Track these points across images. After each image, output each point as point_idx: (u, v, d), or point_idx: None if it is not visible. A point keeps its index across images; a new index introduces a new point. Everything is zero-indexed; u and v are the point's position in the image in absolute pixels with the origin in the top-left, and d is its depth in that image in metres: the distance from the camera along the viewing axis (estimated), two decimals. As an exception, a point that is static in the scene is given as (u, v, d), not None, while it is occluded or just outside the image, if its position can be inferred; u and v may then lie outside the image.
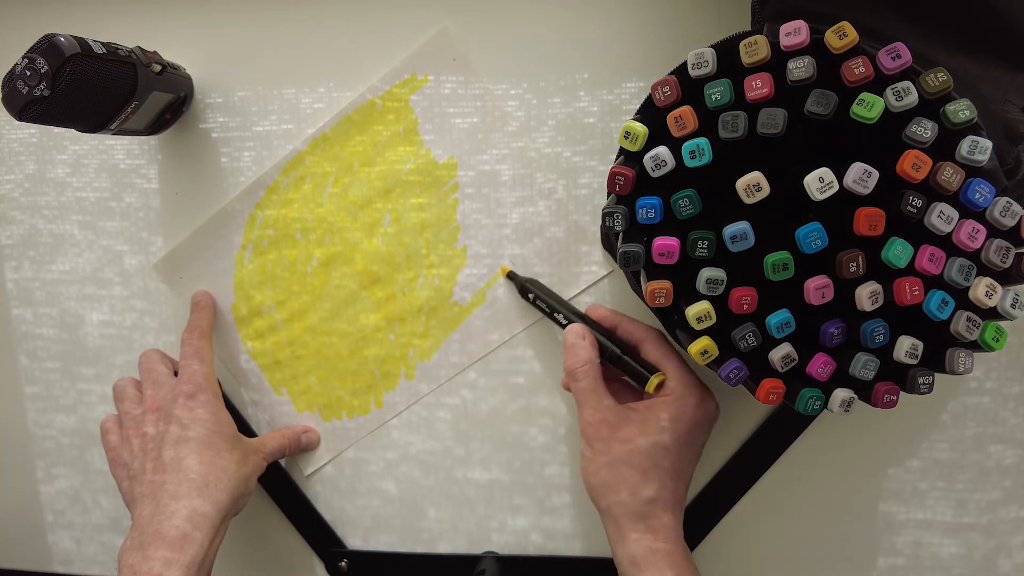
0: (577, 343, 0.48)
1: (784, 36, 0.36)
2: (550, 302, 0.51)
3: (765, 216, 0.37)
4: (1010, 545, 0.53)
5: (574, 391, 0.47)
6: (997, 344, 0.37)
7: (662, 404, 0.45)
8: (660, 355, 0.47)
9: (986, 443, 0.52)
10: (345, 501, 0.58)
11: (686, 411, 0.45)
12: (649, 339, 0.48)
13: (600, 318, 0.50)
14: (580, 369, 0.47)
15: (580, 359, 0.47)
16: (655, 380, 0.46)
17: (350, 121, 0.54)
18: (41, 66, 0.41)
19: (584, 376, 0.47)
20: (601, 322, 0.50)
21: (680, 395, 0.45)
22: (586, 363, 0.47)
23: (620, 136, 0.40)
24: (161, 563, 0.43)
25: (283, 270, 0.56)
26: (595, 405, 0.46)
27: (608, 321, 0.50)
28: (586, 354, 0.47)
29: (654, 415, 0.45)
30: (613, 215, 0.40)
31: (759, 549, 0.55)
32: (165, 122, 0.53)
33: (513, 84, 0.52)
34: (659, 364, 0.47)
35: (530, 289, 0.52)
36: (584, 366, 0.47)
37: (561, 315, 0.50)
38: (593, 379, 0.46)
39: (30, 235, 0.59)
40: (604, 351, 0.48)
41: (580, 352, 0.47)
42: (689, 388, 0.45)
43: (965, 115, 0.34)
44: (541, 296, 0.52)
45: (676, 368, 0.46)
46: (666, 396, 0.45)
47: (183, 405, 0.50)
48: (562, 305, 0.51)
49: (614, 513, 0.45)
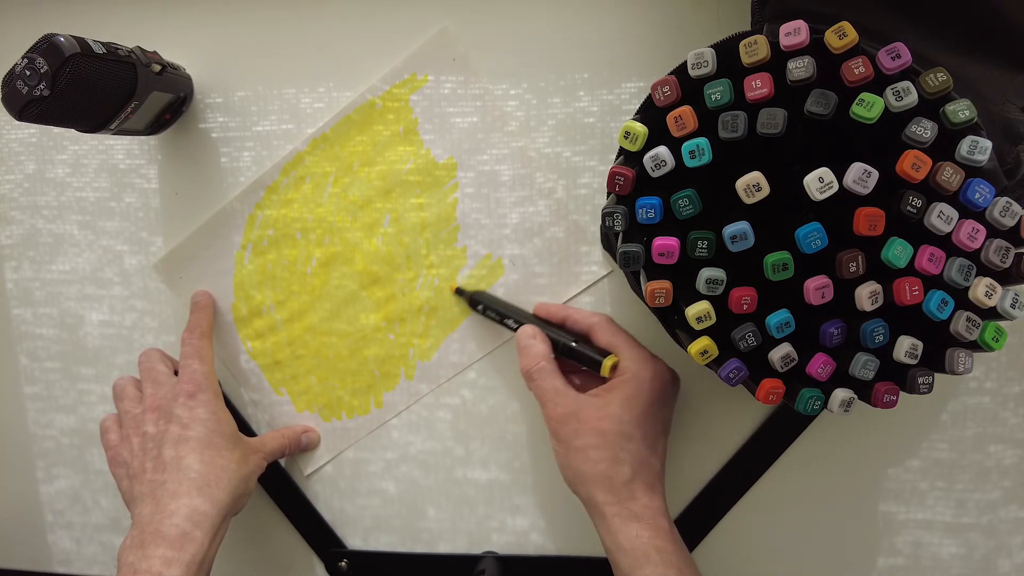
0: (529, 343, 0.49)
1: (784, 36, 0.36)
2: (500, 310, 0.52)
3: (765, 216, 0.37)
4: (1010, 545, 0.53)
5: (533, 390, 0.48)
6: (997, 344, 0.37)
7: (619, 384, 0.46)
8: (609, 338, 0.48)
9: (986, 443, 0.52)
10: (345, 501, 0.58)
11: (643, 386, 0.45)
12: (597, 325, 0.49)
13: (548, 315, 0.51)
14: (535, 368, 0.48)
15: (533, 359, 0.48)
16: (608, 363, 0.47)
17: (350, 121, 0.54)
18: (41, 66, 0.41)
19: (539, 374, 0.47)
20: (549, 318, 0.51)
21: (635, 372, 0.46)
22: (540, 360, 0.48)
23: (620, 136, 0.40)
24: (161, 562, 0.43)
25: (283, 270, 0.56)
26: (555, 399, 0.46)
27: (556, 316, 0.51)
28: (538, 352, 0.48)
29: (613, 397, 0.45)
30: (613, 215, 0.40)
31: (759, 549, 0.55)
32: (165, 122, 0.53)
33: (513, 84, 0.52)
34: (610, 347, 0.47)
35: (479, 300, 0.53)
36: (538, 363, 0.48)
37: (511, 320, 0.51)
38: (549, 374, 0.47)
39: (30, 235, 0.59)
40: (556, 345, 0.49)
41: (532, 352, 0.48)
42: (642, 363, 0.46)
43: (965, 115, 0.34)
44: (490, 306, 0.52)
45: (627, 347, 0.47)
46: (622, 376, 0.46)
47: (183, 404, 0.50)
48: (511, 311, 0.52)
49: (595, 501, 0.45)
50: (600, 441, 0.44)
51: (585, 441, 0.45)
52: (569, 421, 0.46)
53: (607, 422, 0.45)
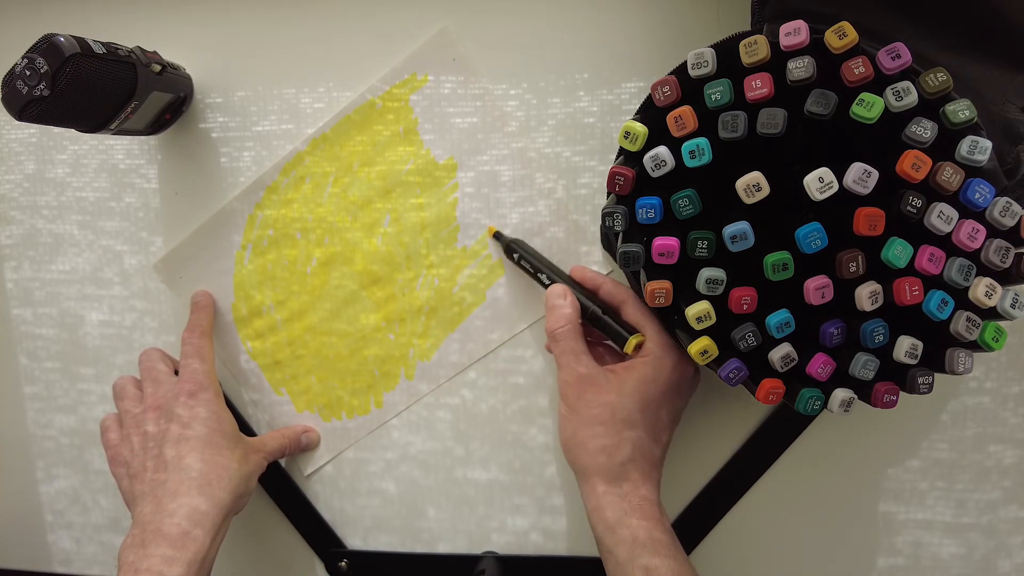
0: (558, 303, 0.48)
1: (784, 36, 0.36)
2: (534, 263, 0.51)
3: (765, 216, 0.37)
4: (1010, 545, 0.53)
5: (554, 350, 0.47)
6: (997, 344, 0.37)
7: (639, 365, 0.45)
8: (640, 317, 0.47)
9: (986, 443, 0.52)
10: (345, 501, 0.58)
11: (662, 372, 0.45)
12: (630, 301, 0.48)
13: (583, 279, 0.50)
14: (559, 329, 0.47)
15: (560, 319, 0.47)
16: (633, 341, 0.46)
17: (350, 121, 0.54)
18: (41, 66, 0.41)
19: (563, 336, 0.47)
20: (584, 283, 0.50)
21: (657, 356, 0.45)
22: (566, 323, 0.47)
23: (620, 136, 0.40)
24: (161, 561, 0.43)
25: (283, 270, 0.56)
26: (573, 364, 0.46)
27: (591, 282, 0.50)
28: (566, 314, 0.47)
29: (630, 375, 0.45)
30: (613, 215, 0.40)
31: (759, 549, 0.55)
32: (165, 122, 0.53)
33: (513, 84, 0.52)
34: (639, 325, 0.47)
35: (515, 249, 0.52)
36: (564, 326, 0.47)
37: (544, 275, 0.50)
38: (572, 339, 0.46)
39: (30, 235, 0.59)
40: (585, 311, 0.48)
41: (560, 312, 0.47)
42: (667, 350, 0.45)
43: (965, 115, 0.34)
44: (526, 256, 0.52)
45: (655, 330, 0.46)
46: (644, 357, 0.45)
47: (184, 403, 0.50)
48: (546, 266, 0.51)
49: (588, 474, 0.45)
50: (607, 416, 0.44)
51: (592, 412, 0.44)
52: (582, 389, 0.45)
53: (618, 399, 0.44)
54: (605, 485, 0.44)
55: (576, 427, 0.45)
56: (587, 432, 0.45)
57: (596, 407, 0.44)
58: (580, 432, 0.45)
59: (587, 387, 0.45)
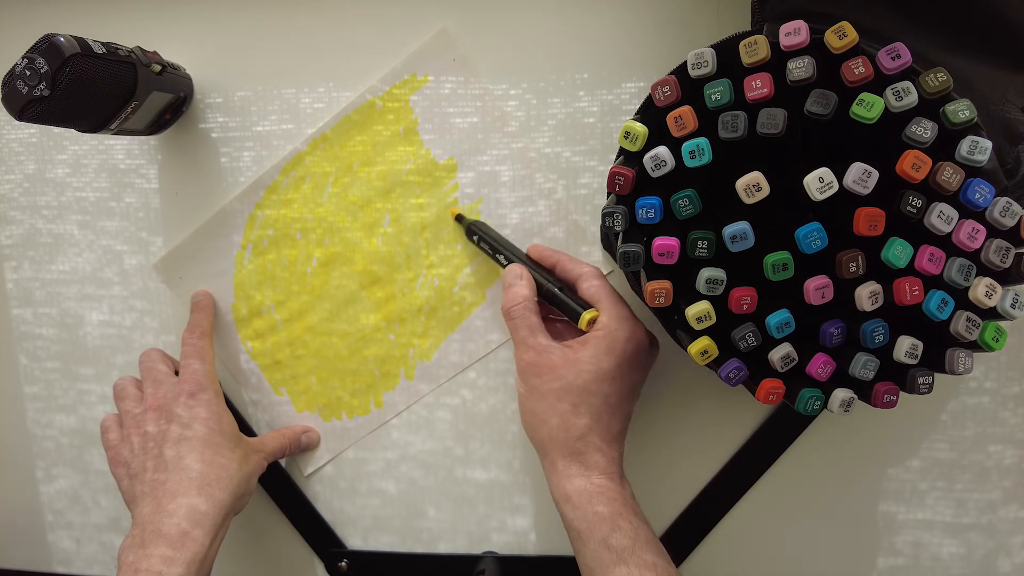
0: (514, 282, 0.48)
1: (784, 36, 0.36)
2: (493, 243, 0.51)
3: (765, 216, 0.37)
4: (1010, 545, 0.53)
5: (509, 329, 0.48)
6: (997, 344, 0.37)
7: (593, 339, 0.45)
8: (595, 292, 0.47)
9: (986, 443, 0.52)
10: (345, 501, 0.58)
11: (616, 345, 0.44)
12: (585, 276, 0.48)
13: (540, 257, 0.51)
14: (514, 308, 0.47)
15: (515, 298, 0.47)
16: (587, 316, 0.46)
17: (350, 121, 0.54)
18: (41, 66, 0.41)
19: (518, 314, 0.47)
20: (541, 261, 0.51)
21: (611, 329, 0.45)
22: (521, 301, 0.47)
23: (620, 136, 0.40)
24: (161, 561, 0.43)
25: (283, 270, 0.56)
26: (529, 342, 0.46)
27: (548, 260, 0.50)
28: (521, 293, 0.48)
29: (585, 350, 0.45)
30: (613, 215, 0.40)
31: (759, 549, 0.55)
32: (165, 122, 0.53)
33: (513, 84, 0.52)
34: (593, 300, 0.47)
35: (475, 231, 0.52)
36: (519, 304, 0.47)
37: (503, 256, 0.51)
38: (527, 317, 0.47)
39: (30, 235, 0.59)
40: (541, 289, 0.49)
41: (515, 291, 0.48)
42: (621, 323, 0.45)
43: (965, 115, 0.34)
44: (484, 238, 0.52)
45: (609, 304, 0.46)
46: (598, 331, 0.45)
47: (184, 404, 0.50)
48: (504, 246, 0.51)
49: (548, 449, 0.45)
50: (562, 391, 0.44)
51: (548, 388, 0.45)
52: (538, 366, 0.45)
53: (573, 374, 0.44)
54: (564, 460, 0.44)
55: (534, 404, 0.45)
56: (544, 408, 0.45)
57: (552, 383, 0.45)
58: (538, 409, 0.45)
59: (543, 364, 0.45)
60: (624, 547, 0.41)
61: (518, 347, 0.47)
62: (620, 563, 0.41)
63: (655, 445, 0.54)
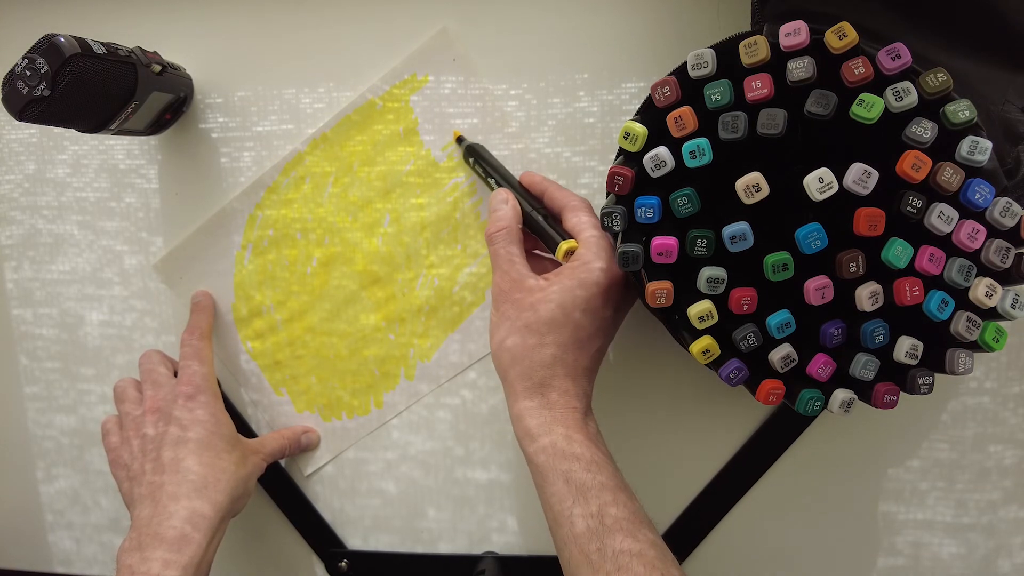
0: (499, 208, 0.47)
1: (784, 36, 0.36)
2: (487, 167, 0.51)
3: (765, 216, 0.37)
4: (1010, 545, 0.53)
5: (490, 253, 0.46)
6: (997, 344, 0.37)
7: (567, 270, 0.44)
8: (578, 223, 0.45)
9: (986, 443, 0.52)
10: (345, 501, 0.58)
11: (590, 276, 0.43)
12: (571, 207, 0.47)
13: (530, 184, 0.50)
14: (497, 233, 0.46)
15: (498, 222, 0.46)
16: (564, 246, 0.45)
17: (350, 121, 0.54)
18: (41, 66, 0.41)
19: (499, 239, 0.46)
20: (531, 188, 0.50)
21: (586, 261, 0.43)
22: (504, 227, 0.46)
23: (620, 137, 0.40)
24: (159, 564, 0.43)
25: (283, 270, 0.56)
26: (506, 268, 0.45)
27: (537, 187, 0.49)
28: (505, 216, 0.46)
29: (558, 279, 0.43)
30: (612, 215, 0.40)
31: (759, 549, 0.55)
32: (165, 122, 0.53)
33: (513, 84, 0.52)
34: (575, 232, 0.46)
35: (473, 153, 0.52)
36: (501, 230, 0.46)
37: (494, 180, 0.50)
38: (508, 242, 0.46)
39: (30, 235, 0.59)
40: (526, 218, 0.48)
41: (499, 215, 0.47)
42: (598, 254, 0.43)
43: (965, 115, 0.34)
44: (480, 161, 0.51)
45: (590, 236, 0.44)
46: (573, 263, 0.44)
47: (182, 406, 0.50)
48: (498, 172, 0.50)
49: (511, 381, 0.43)
50: (532, 320, 0.43)
51: (518, 317, 0.43)
52: (511, 293, 0.44)
53: (543, 303, 0.43)
54: (528, 392, 0.43)
55: (504, 333, 0.44)
56: (512, 337, 0.43)
57: (523, 312, 0.43)
58: (507, 338, 0.44)
59: (516, 291, 0.44)
60: (584, 482, 0.39)
61: (495, 272, 0.45)
62: (580, 498, 0.39)
63: (655, 445, 0.54)
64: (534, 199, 0.49)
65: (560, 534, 0.39)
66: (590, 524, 0.38)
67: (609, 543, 0.37)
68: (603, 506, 0.38)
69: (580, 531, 0.38)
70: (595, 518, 0.38)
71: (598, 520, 0.38)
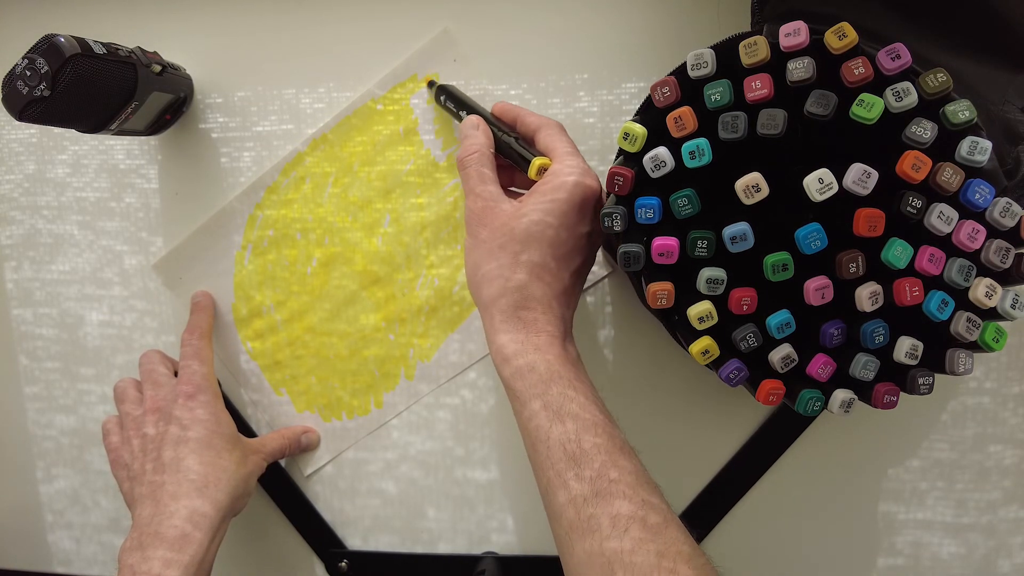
0: (470, 133, 0.47)
1: (784, 37, 0.36)
2: (457, 102, 0.50)
3: (765, 217, 0.37)
4: (1010, 545, 0.53)
5: (462, 179, 0.45)
6: (997, 345, 0.37)
7: (540, 186, 0.43)
8: (551, 141, 0.45)
9: (986, 443, 0.52)
10: (345, 501, 0.58)
11: (562, 191, 0.42)
12: (543, 127, 0.46)
13: (502, 112, 0.49)
14: (468, 157, 0.45)
15: (469, 147, 0.46)
16: (536, 163, 0.44)
17: (350, 122, 0.54)
18: (41, 66, 0.41)
19: (471, 163, 0.45)
20: (503, 116, 0.49)
21: (558, 176, 0.42)
22: (476, 151, 0.45)
23: (619, 137, 0.40)
24: (160, 563, 0.43)
25: (283, 270, 0.56)
26: (478, 191, 0.44)
27: (509, 114, 0.49)
28: (477, 142, 0.46)
29: (531, 197, 0.42)
30: (612, 215, 0.40)
31: (759, 549, 0.55)
32: (165, 122, 0.53)
33: (513, 84, 0.52)
34: (548, 151, 0.45)
35: (443, 92, 0.51)
36: (472, 154, 0.45)
37: (465, 112, 0.49)
38: (480, 165, 0.45)
39: (30, 235, 0.59)
40: (498, 143, 0.47)
41: (470, 140, 0.46)
42: (570, 169, 0.43)
43: (965, 115, 0.34)
44: (451, 98, 0.50)
45: (563, 153, 0.44)
46: (545, 179, 0.43)
47: (183, 406, 0.50)
48: (468, 106, 0.50)
49: (487, 304, 0.42)
50: (505, 240, 0.42)
51: (492, 238, 0.42)
52: (485, 215, 0.43)
53: (515, 220, 0.42)
54: (503, 315, 0.42)
55: (478, 257, 0.43)
56: (487, 261, 0.42)
57: (496, 233, 0.42)
58: (481, 262, 0.43)
59: (489, 213, 0.43)
60: (562, 407, 0.38)
61: (468, 196, 0.44)
62: (556, 421, 0.38)
63: (655, 445, 0.54)
64: (506, 125, 0.48)
65: (537, 459, 0.39)
66: (568, 449, 0.37)
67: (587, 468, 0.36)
68: (582, 431, 0.38)
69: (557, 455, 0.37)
70: (573, 443, 0.37)
71: (576, 445, 0.37)
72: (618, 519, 0.35)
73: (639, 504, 0.35)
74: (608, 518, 0.35)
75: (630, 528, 0.34)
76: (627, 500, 0.35)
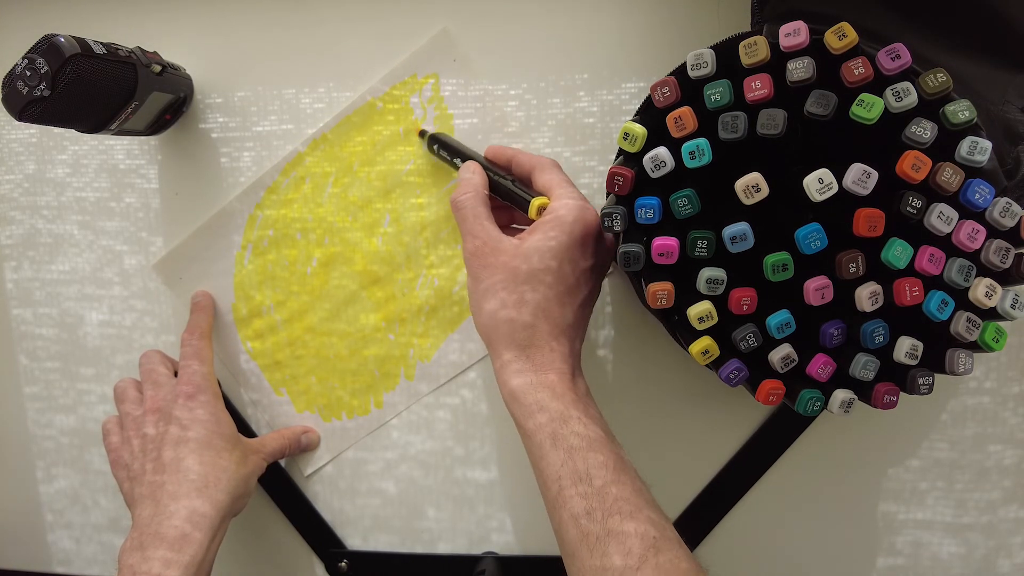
0: (466, 176, 0.47)
1: (784, 37, 0.36)
2: (451, 150, 0.50)
3: (765, 217, 0.37)
4: (1010, 545, 0.53)
5: (458, 221, 0.45)
6: (997, 345, 0.37)
7: (540, 224, 0.43)
8: (548, 181, 0.45)
9: (986, 443, 0.52)
10: (345, 501, 0.58)
11: (563, 228, 0.42)
12: (539, 167, 0.46)
13: (495, 156, 0.50)
14: (462, 198, 0.45)
15: (464, 189, 0.46)
16: (536, 203, 0.44)
17: (350, 122, 0.54)
18: (41, 66, 0.41)
19: (466, 204, 0.45)
20: (496, 159, 0.49)
21: (558, 213, 0.43)
22: (469, 192, 0.45)
23: (619, 137, 0.40)
24: (160, 563, 0.43)
25: (283, 270, 0.56)
26: (475, 231, 0.44)
27: (503, 157, 0.49)
28: (471, 184, 0.46)
29: (531, 236, 0.42)
30: (612, 215, 0.40)
31: (759, 549, 0.55)
32: (165, 122, 0.53)
33: (513, 85, 0.52)
34: (545, 189, 0.45)
35: (436, 140, 0.51)
36: (467, 194, 0.45)
37: (459, 160, 0.50)
38: (475, 205, 0.45)
39: (30, 235, 0.59)
40: (495, 186, 0.47)
41: (465, 183, 0.46)
42: (569, 207, 0.43)
43: (965, 115, 0.34)
44: (444, 147, 0.51)
45: (560, 191, 0.44)
46: (545, 217, 0.43)
47: (183, 406, 0.50)
48: (462, 153, 0.50)
49: (494, 342, 0.42)
50: (508, 279, 0.42)
51: (495, 278, 0.42)
52: (483, 254, 0.43)
53: (518, 260, 0.42)
54: (511, 354, 0.42)
55: (481, 297, 0.43)
56: (491, 300, 0.42)
57: (497, 271, 0.42)
58: (485, 301, 0.42)
59: (489, 253, 0.43)
60: (573, 446, 0.38)
61: (464, 236, 0.44)
62: (568, 460, 0.38)
63: (655, 445, 0.54)
64: (501, 168, 0.49)
65: (549, 496, 0.39)
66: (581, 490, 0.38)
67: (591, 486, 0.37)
68: (592, 468, 0.38)
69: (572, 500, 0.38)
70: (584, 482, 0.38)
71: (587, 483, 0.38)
72: (622, 537, 0.36)
73: (642, 521, 0.36)
74: (613, 536, 0.36)
75: (634, 547, 0.35)
76: (631, 519, 0.36)
